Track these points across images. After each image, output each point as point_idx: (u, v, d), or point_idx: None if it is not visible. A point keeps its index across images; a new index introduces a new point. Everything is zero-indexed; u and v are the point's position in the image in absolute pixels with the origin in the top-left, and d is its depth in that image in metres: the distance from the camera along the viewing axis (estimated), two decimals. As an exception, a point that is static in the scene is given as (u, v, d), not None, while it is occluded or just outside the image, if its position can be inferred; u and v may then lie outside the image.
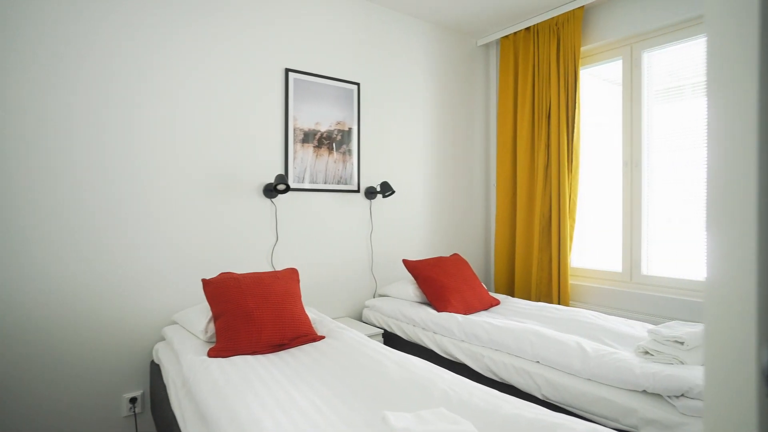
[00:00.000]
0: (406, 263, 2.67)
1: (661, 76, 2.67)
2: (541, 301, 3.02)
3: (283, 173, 2.51)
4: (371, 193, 2.85)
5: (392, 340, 2.53)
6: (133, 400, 2.06)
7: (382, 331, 2.52)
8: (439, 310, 2.43)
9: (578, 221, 2.95)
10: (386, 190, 2.75)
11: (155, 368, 1.98)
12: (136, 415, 2.08)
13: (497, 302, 2.67)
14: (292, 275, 2.14)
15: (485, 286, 3.33)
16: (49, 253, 1.87)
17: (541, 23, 3.04)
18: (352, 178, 2.80)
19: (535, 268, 3.05)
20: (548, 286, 3.01)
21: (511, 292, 3.30)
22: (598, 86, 3.06)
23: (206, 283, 1.91)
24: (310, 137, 2.62)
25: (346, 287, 2.80)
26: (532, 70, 3.12)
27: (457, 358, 2.15)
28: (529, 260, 3.15)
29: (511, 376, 1.90)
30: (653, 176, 2.69)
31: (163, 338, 2.11)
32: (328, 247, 2.71)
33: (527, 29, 3.15)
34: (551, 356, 1.81)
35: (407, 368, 1.57)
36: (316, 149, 2.64)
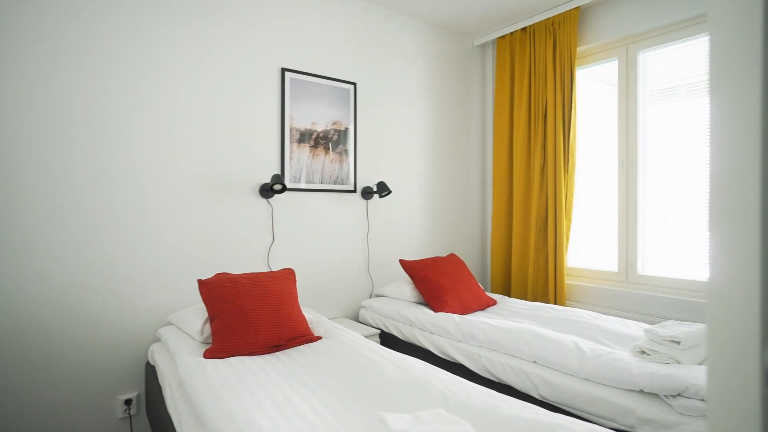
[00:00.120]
0: (402, 263, 2.66)
1: (656, 76, 2.68)
2: (537, 300, 3.03)
3: (279, 173, 2.50)
4: (368, 193, 2.85)
5: (389, 340, 2.52)
6: (128, 401, 2.04)
7: (378, 331, 2.52)
8: (435, 310, 2.43)
9: (574, 221, 2.96)
10: (383, 190, 2.75)
11: (150, 369, 1.96)
12: (131, 416, 2.06)
13: (494, 302, 2.67)
14: (288, 275, 2.12)
15: (482, 286, 3.33)
16: (47, 253, 1.85)
17: (537, 23, 3.05)
18: (348, 178, 2.80)
19: (531, 267, 3.05)
20: (545, 285, 3.02)
21: (507, 292, 3.31)
22: (593, 87, 3.07)
23: (202, 283, 1.90)
24: (306, 137, 2.61)
25: (342, 287, 2.79)
26: (528, 70, 3.12)
27: (454, 358, 2.15)
28: (525, 260, 3.16)
29: (508, 376, 1.90)
30: (649, 176, 2.70)
31: (158, 339, 2.10)
32: (324, 247, 2.70)
33: (523, 29, 3.16)
34: (548, 356, 1.81)
35: (404, 369, 1.57)
36: (312, 149, 2.63)
